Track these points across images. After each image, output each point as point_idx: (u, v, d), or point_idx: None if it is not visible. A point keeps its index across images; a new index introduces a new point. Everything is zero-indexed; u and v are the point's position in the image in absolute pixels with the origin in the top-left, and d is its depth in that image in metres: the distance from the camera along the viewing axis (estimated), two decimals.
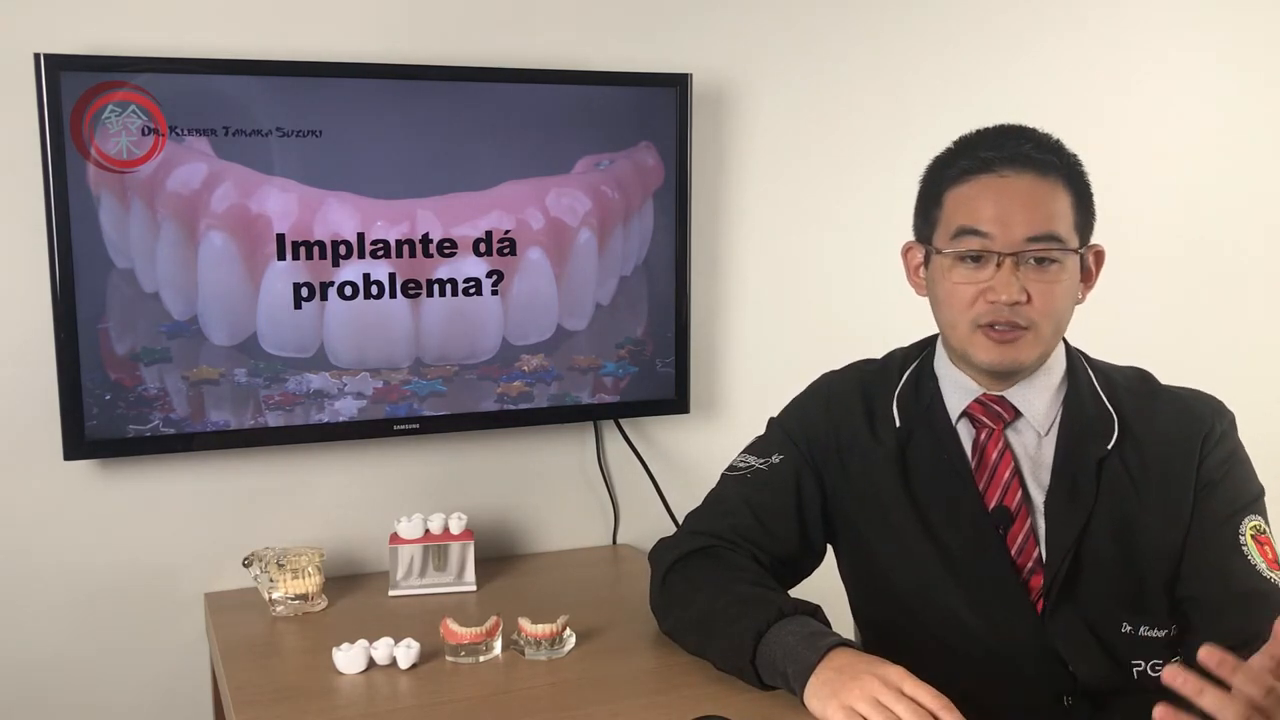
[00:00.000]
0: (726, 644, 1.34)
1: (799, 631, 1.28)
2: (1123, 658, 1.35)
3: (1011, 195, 1.31)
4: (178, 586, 1.82)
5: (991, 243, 1.31)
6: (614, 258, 1.93)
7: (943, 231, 1.36)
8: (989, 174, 1.32)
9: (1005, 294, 1.30)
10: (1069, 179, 1.34)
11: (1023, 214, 1.30)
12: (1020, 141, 1.33)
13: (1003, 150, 1.33)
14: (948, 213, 1.35)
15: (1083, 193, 1.35)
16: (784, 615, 1.30)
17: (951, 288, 1.34)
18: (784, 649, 1.27)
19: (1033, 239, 1.30)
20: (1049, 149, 1.34)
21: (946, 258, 1.35)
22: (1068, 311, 1.36)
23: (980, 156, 1.33)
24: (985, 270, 1.31)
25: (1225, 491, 1.37)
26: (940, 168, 1.38)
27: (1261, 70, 2.51)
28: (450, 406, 1.88)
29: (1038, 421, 1.39)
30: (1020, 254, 1.30)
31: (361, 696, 1.40)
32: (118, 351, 1.69)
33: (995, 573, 1.36)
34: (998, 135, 1.36)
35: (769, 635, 1.29)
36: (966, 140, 1.38)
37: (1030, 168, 1.31)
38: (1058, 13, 2.30)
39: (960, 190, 1.34)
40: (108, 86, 1.63)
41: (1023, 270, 1.30)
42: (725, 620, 1.34)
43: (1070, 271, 1.33)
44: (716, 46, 2.04)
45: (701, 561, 1.43)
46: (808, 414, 1.50)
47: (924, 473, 1.41)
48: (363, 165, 1.77)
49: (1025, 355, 1.34)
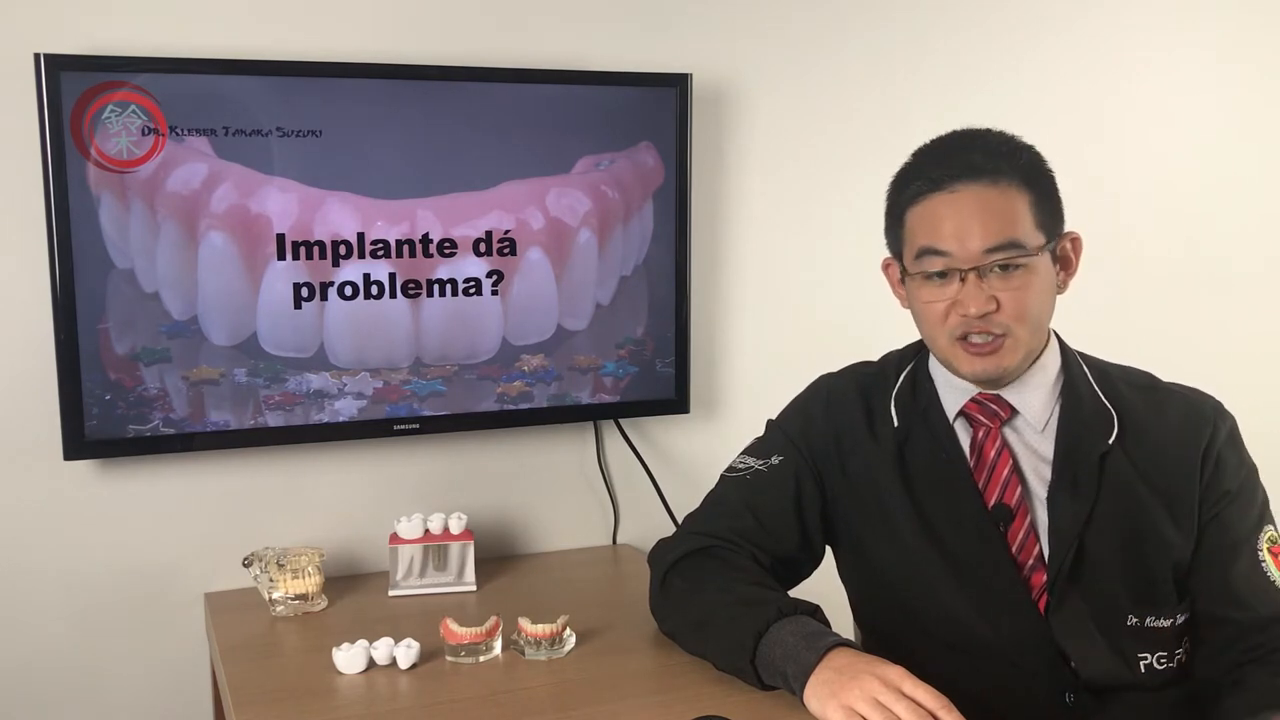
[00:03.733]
0: (726, 644, 1.34)
1: (799, 631, 1.28)
2: (1128, 651, 1.35)
3: (964, 209, 1.31)
4: (178, 586, 1.82)
5: (953, 260, 1.32)
6: (614, 258, 1.93)
7: (908, 251, 1.37)
8: (940, 191, 1.33)
9: (974, 307, 1.31)
10: (1024, 179, 1.33)
11: (978, 226, 1.31)
12: (970, 152, 1.34)
13: (952, 165, 1.33)
14: (909, 233, 1.37)
15: (1042, 189, 1.35)
16: (783, 615, 1.30)
17: (923, 306, 1.37)
18: (783, 649, 1.27)
19: (991, 249, 1.30)
20: (998, 154, 1.33)
21: (915, 278, 1.37)
22: (1045, 309, 1.37)
23: (930, 175, 1.34)
24: (951, 286, 1.33)
25: (1240, 505, 1.38)
26: (898, 187, 1.39)
27: (1262, 70, 2.51)
28: (450, 406, 1.88)
29: (1035, 418, 1.39)
30: (982, 266, 1.31)
31: (361, 696, 1.40)
32: (118, 351, 1.70)
33: (996, 570, 1.36)
34: (947, 148, 1.36)
35: (768, 635, 1.29)
36: (920, 154, 1.39)
37: (980, 177, 1.32)
38: (1058, 12, 2.30)
39: (917, 210, 1.35)
40: (108, 86, 1.64)
41: (988, 280, 1.31)
42: (724, 620, 1.34)
43: (1040, 271, 1.33)
44: (716, 46, 2.04)
45: (701, 561, 1.43)
46: (807, 415, 1.51)
47: (923, 472, 1.41)
48: (363, 165, 1.77)
49: (1007, 361, 1.34)
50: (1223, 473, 1.38)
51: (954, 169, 1.33)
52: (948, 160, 1.34)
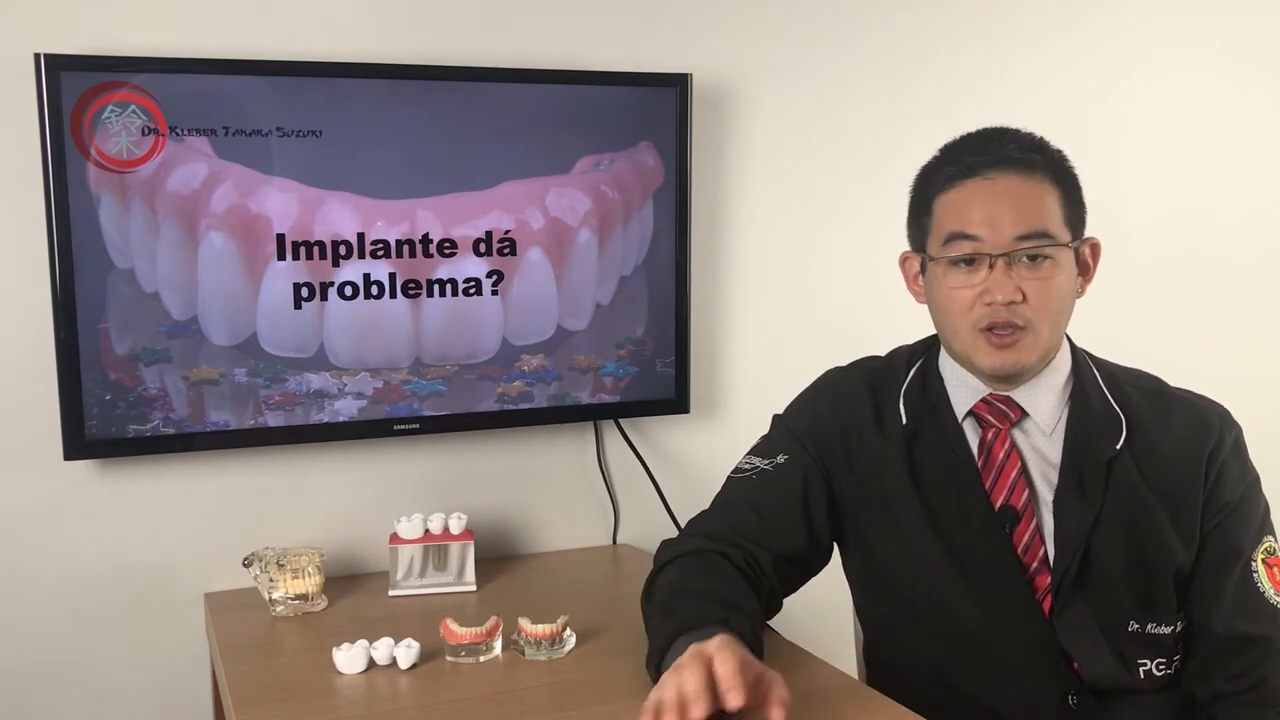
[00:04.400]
0: (650, 647, 1.30)
1: (697, 639, 1.20)
2: (1129, 656, 1.35)
3: (998, 196, 1.32)
4: (178, 586, 1.82)
5: (982, 245, 1.32)
6: (614, 258, 1.93)
7: (935, 238, 1.37)
8: (974, 178, 1.34)
9: (1001, 294, 1.31)
10: (1055, 175, 1.34)
11: (1011, 214, 1.31)
12: (1003, 143, 1.35)
13: (986, 153, 1.34)
14: (938, 219, 1.37)
15: (1070, 187, 1.36)
16: (691, 629, 1.23)
17: (948, 293, 1.35)
18: (676, 655, 1.20)
19: (1022, 237, 1.31)
20: (1032, 148, 1.35)
21: (940, 264, 1.36)
22: (1066, 307, 1.37)
23: (965, 161, 1.35)
24: (979, 273, 1.33)
25: (1240, 517, 1.37)
26: (927, 176, 1.40)
27: (1263, 69, 2.51)
28: (450, 406, 1.88)
29: (1044, 421, 1.39)
30: (1012, 253, 1.31)
31: (361, 696, 1.40)
32: (118, 351, 1.70)
33: (1001, 571, 1.36)
34: (981, 139, 1.37)
35: (676, 644, 1.23)
36: (951, 146, 1.39)
37: (1014, 168, 1.33)
38: (1058, 12, 2.30)
39: (948, 196, 1.36)
40: (108, 86, 1.64)
41: (1016, 269, 1.31)
42: (655, 626, 1.32)
43: (1065, 267, 1.34)
44: (716, 46, 2.04)
45: (687, 563, 1.41)
46: (814, 411, 1.50)
47: (930, 471, 1.41)
48: (363, 165, 1.77)
49: (1026, 357, 1.34)
50: (1225, 482, 1.37)
51: (988, 156, 1.34)
52: (982, 149, 1.35)
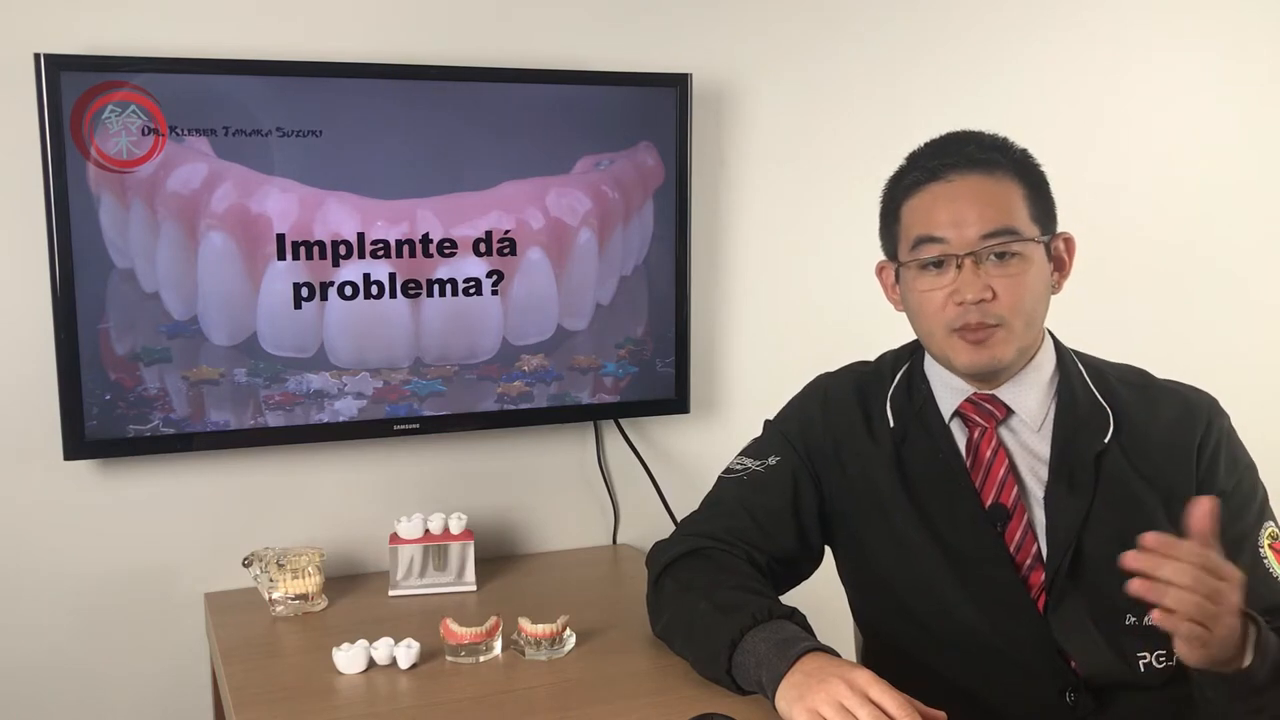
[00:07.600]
0: (704, 653, 1.33)
1: (771, 638, 1.26)
2: (1127, 650, 1.35)
3: (961, 197, 1.34)
4: (178, 586, 1.83)
5: (949, 246, 1.33)
6: (614, 258, 1.93)
7: (904, 244, 1.39)
8: (937, 181, 1.35)
9: (970, 293, 1.32)
10: (1018, 173, 1.36)
11: (974, 213, 1.32)
12: (964, 145, 1.37)
13: (948, 156, 1.36)
14: (905, 225, 1.38)
15: (1036, 184, 1.37)
16: (757, 622, 1.28)
17: (920, 297, 1.37)
18: (756, 657, 1.26)
19: (988, 235, 1.32)
20: (994, 148, 1.37)
21: (911, 269, 1.37)
22: (1040, 303, 1.37)
23: (927, 166, 1.37)
24: (948, 274, 1.34)
25: (1237, 503, 1.37)
26: (894, 183, 1.42)
27: (1262, 69, 2.51)
28: (450, 406, 1.88)
29: (1030, 417, 1.40)
30: (979, 252, 1.32)
31: (361, 696, 1.40)
32: (118, 351, 1.70)
33: (994, 570, 1.36)
34: (943, 143, 1.39)
35: (743, 644, 1.27)
36: (915, 154, 1.41)
37: (977, 168, 1.34)
38: (1057, 12, 2.30)
39: (913, 201, 1.37)
40: (108, 86, 1.64)
41: (985, 268, 1.32)
42: (702, 629, 1.34)
43: (1035, 263, 1.34)
44: (716, 46, 2.04)
45: (693, 563, 1.42)
46: (805, 416, 1.51)
47: (920, 473, 1.42)
48: (363, 165, 1.77)
49: (1001, 353, 1.35)
50: (1218, 471, 1.38)
51: (950, 159, 1.35)
52: (944, 152, 1.37)
